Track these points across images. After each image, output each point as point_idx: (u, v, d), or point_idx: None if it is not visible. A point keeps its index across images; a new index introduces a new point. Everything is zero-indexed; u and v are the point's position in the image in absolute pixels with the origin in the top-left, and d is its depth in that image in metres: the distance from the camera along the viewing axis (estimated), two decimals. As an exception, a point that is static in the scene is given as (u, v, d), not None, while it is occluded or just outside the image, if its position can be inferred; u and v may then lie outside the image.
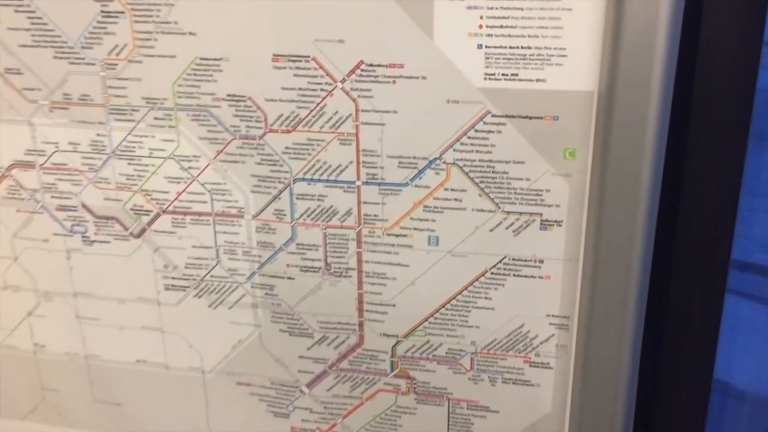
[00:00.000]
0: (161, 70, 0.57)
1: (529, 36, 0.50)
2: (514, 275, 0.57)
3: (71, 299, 0.66)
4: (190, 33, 0.55)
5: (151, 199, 0.61)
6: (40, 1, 0.57)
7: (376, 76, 0.53)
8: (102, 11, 0.56)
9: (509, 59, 0.51)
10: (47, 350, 0.69)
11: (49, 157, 0.62)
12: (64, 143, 0.61)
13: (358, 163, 0.56)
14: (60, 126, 0.60)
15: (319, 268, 0.60)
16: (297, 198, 0.58)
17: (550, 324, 0.58)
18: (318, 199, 0.58)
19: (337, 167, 0.57)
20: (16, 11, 0.57)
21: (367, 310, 0.61)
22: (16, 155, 0.62)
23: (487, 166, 0.54)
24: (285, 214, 0.59)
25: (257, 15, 0.53)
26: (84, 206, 0.63)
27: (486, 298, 0.58)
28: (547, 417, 0.60)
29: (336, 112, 0.55)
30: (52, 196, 0.63)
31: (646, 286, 0.53)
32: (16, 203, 0.64)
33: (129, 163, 0.60)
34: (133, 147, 0.60)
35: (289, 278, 0.61)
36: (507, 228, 0.56)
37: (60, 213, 0.63)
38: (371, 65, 0.53)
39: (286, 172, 0.58)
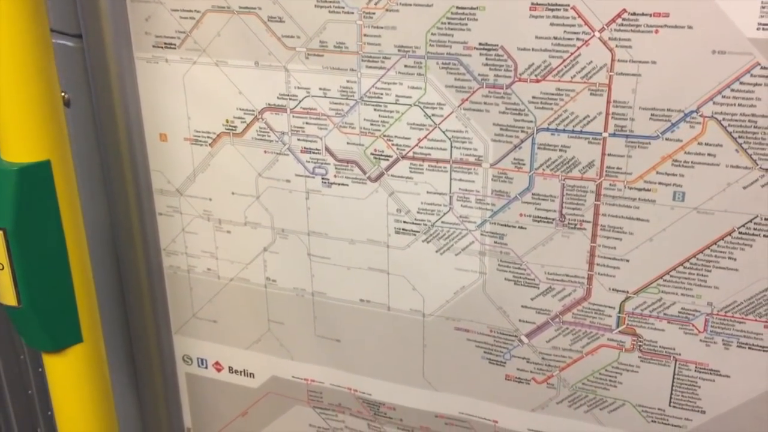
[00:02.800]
0: (416, 19, 0.59)
1: (814, -17, 0.48)
2: (764, 236, 0.55)
3: (305, 238, 0.71)
4: (449, -18, 0.57)
5: (392, 144, 0.64)
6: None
7: (637, 25, 0.53)
8: (366, -39, 0.59)
9: (788, 8, 0.49)
10: (277, 285, 0.75)
11: (300, 101, 0.66)
12: (315, 89, 0.65)
13: (607, 114, 0.56)
14: (313, 72, 0.64)
15: (553, 219, 0.61)
16: (538, 148, 0.59)
17: (800, 289, 0.56)
18: (560, 150, 0.59)
19: (584, 118, 0.57)
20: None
21: (598, 264, 0.61)
22: (269, 99, 0.67)
23: (749, 121, 0.53)
24: (524, 164, 0.60)
25: (518, -36, 0.54)
26: (327, 149, 0.67)
27: (730, 258, 0.57)
28: (785, 386, 0.59)
29: (590, 62, 0.55)
30: (299, 139, 0.67)
31: None
32: (265, 144, 0.69)
33: (375, 109, 0.63)
34: (381, 93, 0.63)
35: (521, 227, 0.62)
36: (763, 186, 0.54)
37: (304, 155, 0.68)
38: (634, 14, 0.53)
39: (530, 121, 0.59)
